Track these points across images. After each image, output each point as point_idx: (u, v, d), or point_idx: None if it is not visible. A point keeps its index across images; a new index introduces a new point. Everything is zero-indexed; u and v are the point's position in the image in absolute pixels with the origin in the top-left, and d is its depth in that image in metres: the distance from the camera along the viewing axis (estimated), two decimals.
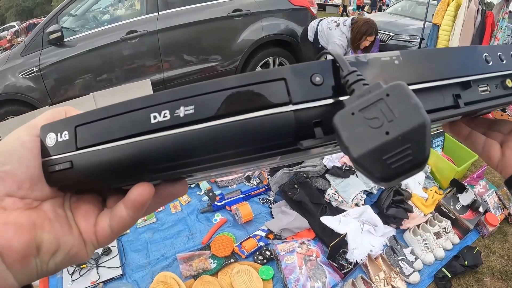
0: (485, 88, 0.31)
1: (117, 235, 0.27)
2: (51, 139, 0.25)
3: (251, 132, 0.21)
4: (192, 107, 0.22)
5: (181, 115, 0.22)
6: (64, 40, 3.05)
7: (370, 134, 0.19)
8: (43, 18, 3.26)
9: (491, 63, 0.32)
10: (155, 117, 0.22)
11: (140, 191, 0.25)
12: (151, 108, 0.23)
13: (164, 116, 0.22)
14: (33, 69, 2.98)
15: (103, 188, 0.29)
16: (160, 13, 3.25)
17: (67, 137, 0.25)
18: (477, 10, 3.19)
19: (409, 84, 0.25)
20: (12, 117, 2.93)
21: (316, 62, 0.23)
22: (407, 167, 0.19)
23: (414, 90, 0.25)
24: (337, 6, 12.66)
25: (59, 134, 0.25)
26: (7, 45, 11.94)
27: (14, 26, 17.04)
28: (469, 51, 0.31)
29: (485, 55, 0.31)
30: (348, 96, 0.22)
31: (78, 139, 0.24)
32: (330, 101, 0.23)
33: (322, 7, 12.76)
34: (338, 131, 0.20)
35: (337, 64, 0.23)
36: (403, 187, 2.05)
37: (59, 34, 2.96)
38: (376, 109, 0.20)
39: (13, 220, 0.23)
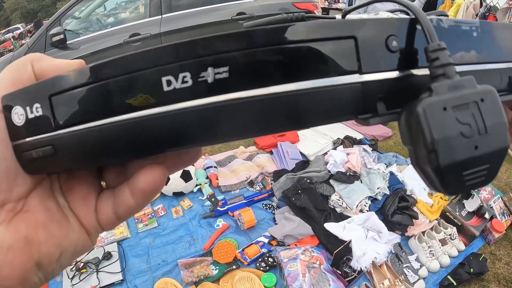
0: None
1: (124, 220, 0.23)
2: (18, 116, 0.19)
3: (302, 107, 0.17)
4: (226, 68, 0.16)
5: (209, 80, 0.16)
6: (67, 42, 3.05)
7: (460, 143, 0.16)
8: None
9: None
10: (169, 83, 0.16)
11: (150, 179, 0.20)
12: (161, 69, 0.16)
13: (184, 82, 0.16)
14: None
15: None
16: (163, 16, 3.25)
17: (40, 112, 0.18)
18: (476, 14, 3.18)
19: (479, 63, 0.23)
20: None
21: (394, 20, 0.19)
22: (476, 185, 0.17)
23: (482, 70, 0.23)
24: (340, 10, 12.71)
25: (28, 108, 0.18)
26: (11, 47, 12.03)
27: (19, 28, 17.16)
28: None
29: None
30: (425, 70, 0.19)
31: (57, 114, 0.18)
32: (404, 73, 0.19)
33: (325, 11, 12.79)
34: (422, 125, 0.16)
35: (423, 30, 0.19)
36: (408, 193, 2.02)
37: (62, 36, 2.97)
38: (469, 114, 0.17)
39: (0, 243, 0.19)
